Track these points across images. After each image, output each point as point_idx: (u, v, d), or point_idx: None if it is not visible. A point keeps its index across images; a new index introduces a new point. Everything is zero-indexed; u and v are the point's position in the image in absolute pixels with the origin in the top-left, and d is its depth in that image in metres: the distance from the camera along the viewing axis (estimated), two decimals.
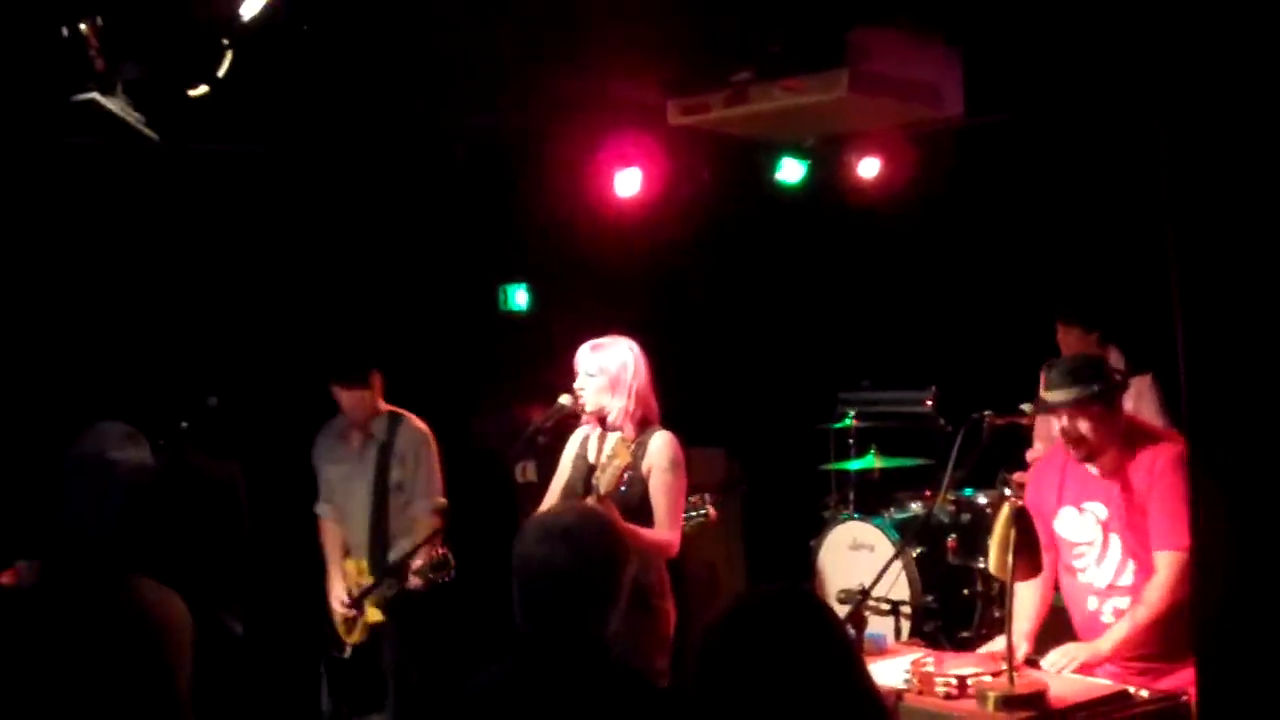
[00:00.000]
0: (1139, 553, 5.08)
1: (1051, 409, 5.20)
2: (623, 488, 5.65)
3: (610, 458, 5.69)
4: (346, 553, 7.28)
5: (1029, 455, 8.21)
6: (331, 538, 7.34)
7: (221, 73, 5.34)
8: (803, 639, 2.92)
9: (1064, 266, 8.45)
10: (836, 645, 2.97)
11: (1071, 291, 7.96)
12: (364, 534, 7.21)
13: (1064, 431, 5.19)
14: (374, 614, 7.03)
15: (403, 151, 8.28)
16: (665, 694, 3.78)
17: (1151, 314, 5.09)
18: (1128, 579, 5.14)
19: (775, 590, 3.06)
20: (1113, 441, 5.14)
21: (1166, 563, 4.98)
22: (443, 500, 7.14)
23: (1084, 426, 5.11)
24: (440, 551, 6.69)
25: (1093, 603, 5.25)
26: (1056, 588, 5.48)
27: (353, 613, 7.04)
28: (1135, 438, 5.16)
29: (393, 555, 7.05)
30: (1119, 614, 5.12)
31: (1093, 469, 5.22)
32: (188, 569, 3.38)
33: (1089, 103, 7.39)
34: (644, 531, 5.64)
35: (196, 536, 3.42)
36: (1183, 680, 4.74)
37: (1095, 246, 8.21)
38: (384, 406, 7.33)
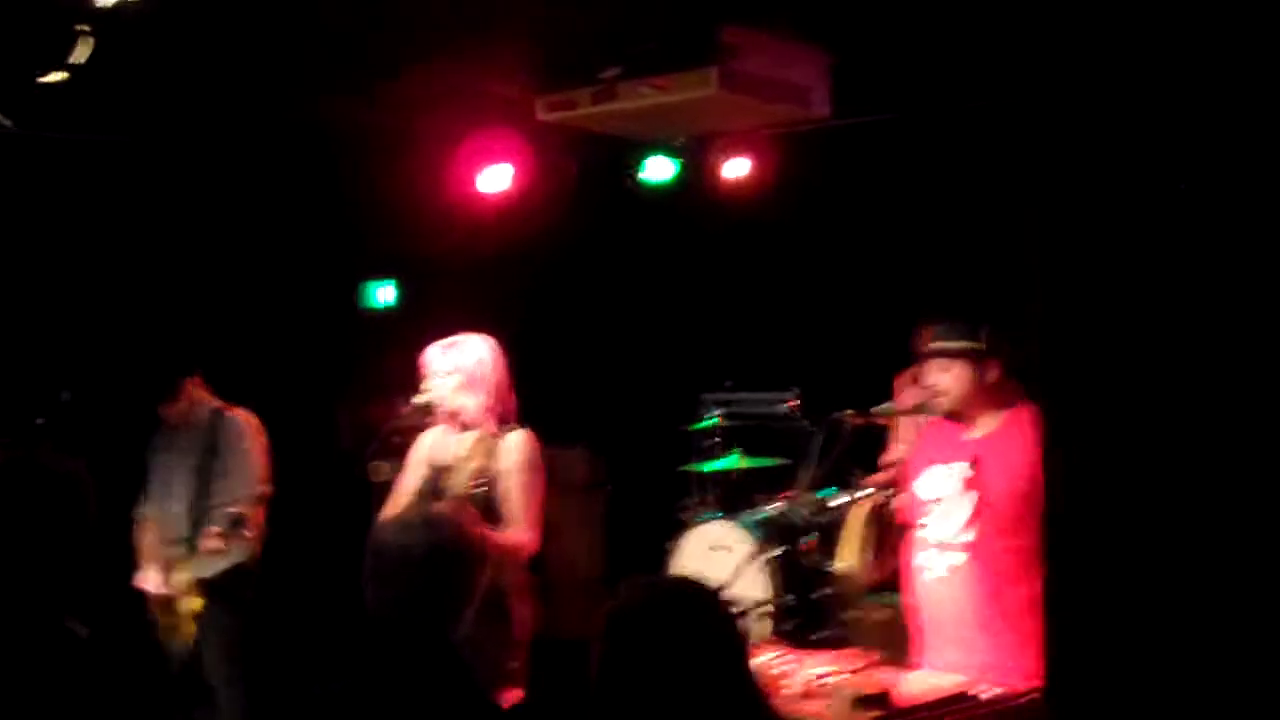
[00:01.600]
0: (993, 518, 5.10)
1: (926, 356, 5.29)
2: (476, 489, 5.61)
3: (464, 459, 5.64)
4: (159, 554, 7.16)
5: (884, 459, 8.30)
6: (149, 537, 7.22)
7: (82, 59, 5.25)
8: (703, 629, 3.07)
9: (928, 270, 8.52)
10: (732, 635, 3.18)
11: (939, 294, 8.04)
12: (185, 529, 7.11)
13: (928, 383, 5.30)
14: (194, 602, 6.92)
15: (264, 144, 8.18)
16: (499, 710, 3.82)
17: (1017, 318, 5.18)
18: (969, 536, 5.16)
19: (675, 580, 3.39)
20: (980, 402, 5.21)
21: None
22: (264, 488, 7.06)
23: (947, 378, 5.22)
24: (237, 510, 6.68)
25: (922, 557, 5.30)
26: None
27: (165, 592, 6.95)
28: (1015, 403, 5.21)
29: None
30: (951, 570, 5.17)
31: (966, 434, 5.28)
32: (29, 569, 3.31)
33: (955, 107, 7.47)
34: (500, 535, 5.57)
35: (39, 535, 3.35)
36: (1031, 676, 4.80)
37: (959, 251, 8.28)
38: (208, 403, 7.28)
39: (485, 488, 5.63)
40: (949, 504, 5.25)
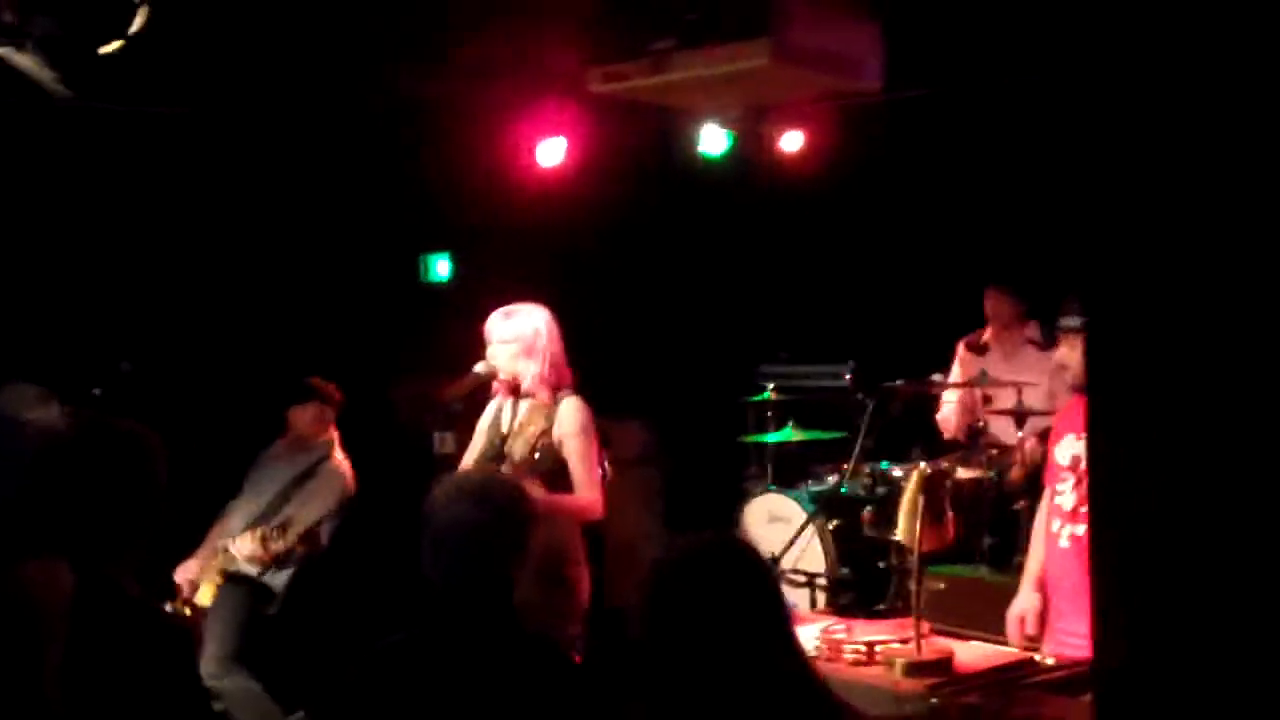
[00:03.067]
0: None
1: (1063, 333, 5.24)
2: (536, 454, 5.65)
3: (523, 425, 5.68)
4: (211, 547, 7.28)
5: (939, 417, 8.35)
6: (216, 530, 7.35)
7: (136, 29, 5.27)
8: (741, 585, 3.04)
9: (981, 241, 8.50)
10: (772, 593, 3.11)
11: (1005, 260, 8.04)
12: (239, 530, 7.20)
13: (1057, 359, 5.31)
14: (205, 594, 6.98)
15: (320, 116, 8.21)
16: (569, 660, 3.84)
17: (1071, 288, 5.16)
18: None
19: (717, 537, 3.27)
20: None
21: None
22: (312, 538, 7.19)
23: (1075, 355, 5.13)
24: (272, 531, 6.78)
25: (1055, 524, 5.28)
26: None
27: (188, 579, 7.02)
28: None
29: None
30: (1074, 539, 5.13)
31: None
32: (89, 528, 3.35)
33: (1007, 80, 7.44)
34: (564, 497, 5.65)
35: (104, 497, 3.38)
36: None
37: (1015, 220, 8.27)
38: (329, 438, 7.41)
39: (542, 454, 5.66)
40: (1075, 474, 5.22)
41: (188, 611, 6.93)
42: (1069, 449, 5.32)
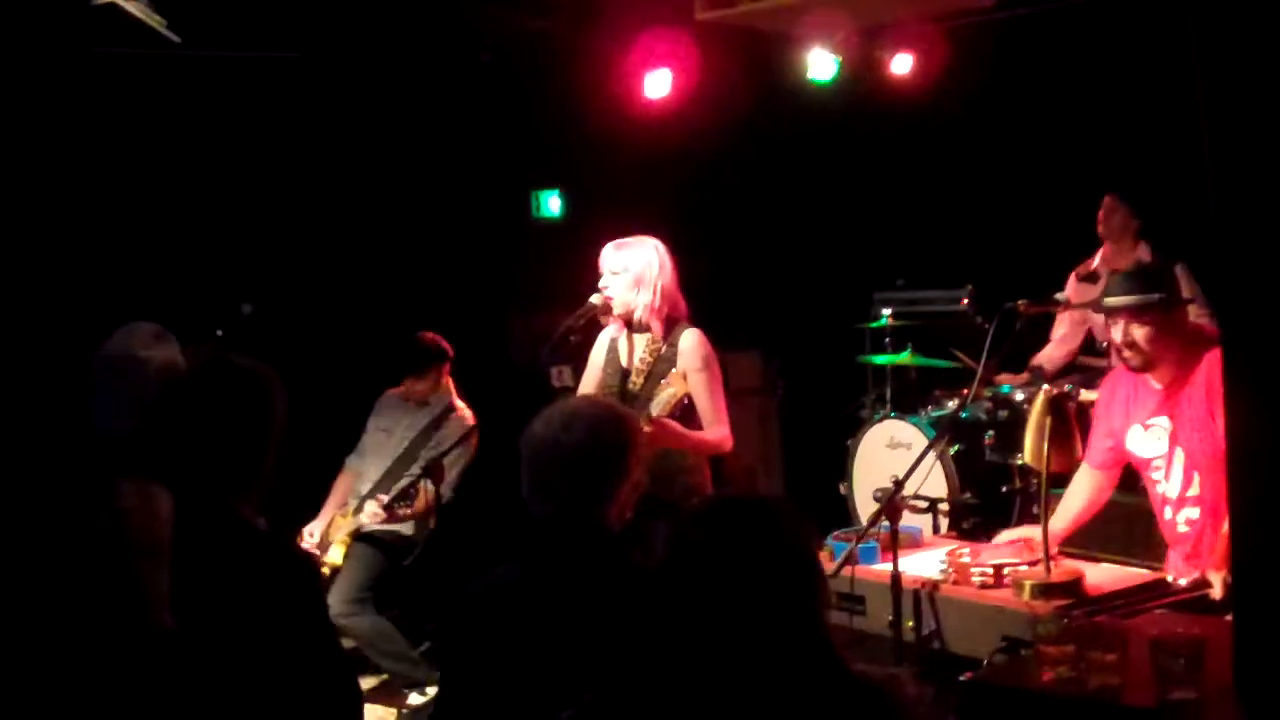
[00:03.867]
0: (1204, 463, 4.89)
1: (1110, 313, 5.05)
2: (671, 407, 5.56)
3: (664, 385, 5.55)
4: (347, 509, 7.34)
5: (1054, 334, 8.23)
6: (342, 486, 7.42)
7: None
8: (765, 549, 2.76)
9: (1099, 160, 8.36)
10: (801, 566, 2.80)
11: (1123, 180, 7.90)
12: (368, 489, 7.29)
13: (1120, 338, 5.00)
14: (335, 556, 7.04)
15: (431, 57, 8.20)
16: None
17: (1187, 204, 5.01)
18: (1194, 490, 4.97)
19: (751, 496, 2.99)
20: (1170, 352, 4.98)
21: None
22: (447, 491, 7.15)
23: (1139, 333, 4.92)
24: (415, 488, 6.80)
25: (1168, 512, 5.13)
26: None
27: (313, 545, 7.07)
28: (1196, 346, 4.97)
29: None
30: (1191, 523, 4.99)
31: (1155, 383, 5.06)
32: (211, 463, 3.37)
33: None
34: (695, 434, 5.58)
35: (224, 431, 3.40)
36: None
37: (1130, 140, 8.12)
38: (447, 394, 7.47)
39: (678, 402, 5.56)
40: (1165, 464, 5.06)
41: (316, 549, 7.02)
42: (1145, 442, 5.12)
